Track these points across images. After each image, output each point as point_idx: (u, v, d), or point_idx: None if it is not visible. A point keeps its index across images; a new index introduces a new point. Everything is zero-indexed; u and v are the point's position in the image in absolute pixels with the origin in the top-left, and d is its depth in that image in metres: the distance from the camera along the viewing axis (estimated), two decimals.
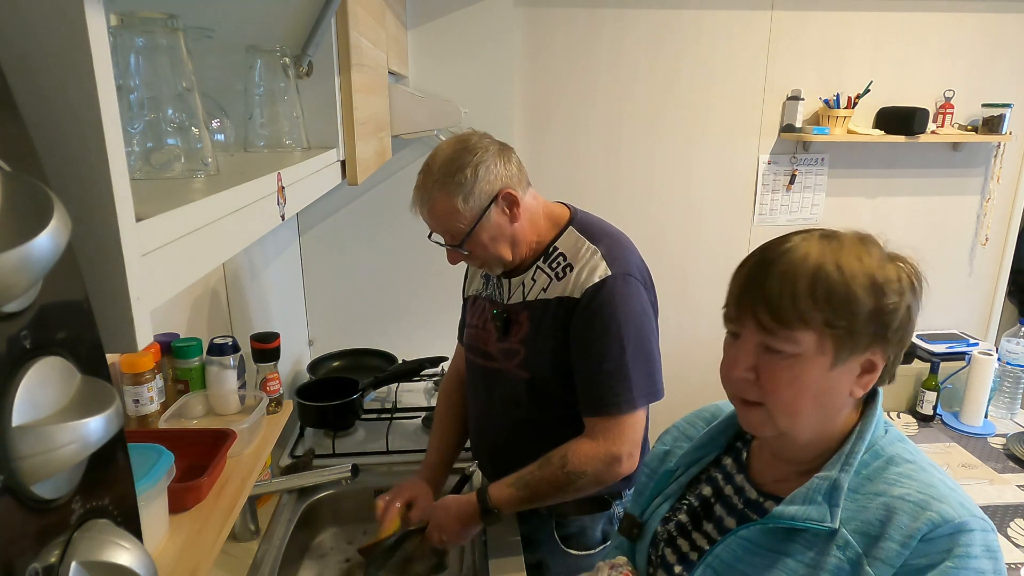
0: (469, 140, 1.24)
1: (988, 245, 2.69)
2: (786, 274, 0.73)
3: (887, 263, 0.75)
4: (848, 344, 0.72)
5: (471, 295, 1.46)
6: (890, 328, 0.73)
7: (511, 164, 1.25)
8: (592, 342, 1.22)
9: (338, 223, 2.29)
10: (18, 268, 0.28)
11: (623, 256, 1.26)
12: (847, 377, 0.75)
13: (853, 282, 0.72)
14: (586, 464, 1.22)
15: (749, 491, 0.86)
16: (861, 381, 0.76)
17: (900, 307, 0.74)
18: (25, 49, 0.36)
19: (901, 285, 0.74)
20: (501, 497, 1.26)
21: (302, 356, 2.28)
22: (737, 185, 2.52)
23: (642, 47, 2.34)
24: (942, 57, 2.46)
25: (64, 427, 0.31)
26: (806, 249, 0.74)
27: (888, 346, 0.75)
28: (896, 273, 0.74)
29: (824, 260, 0.73)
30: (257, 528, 1.46)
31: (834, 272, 0.72)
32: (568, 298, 1.23)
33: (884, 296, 0.72)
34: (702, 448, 0.94)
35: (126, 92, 0.60)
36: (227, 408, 1.25)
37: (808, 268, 0.72)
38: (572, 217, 1.32)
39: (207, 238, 0.54)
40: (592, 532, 1.36)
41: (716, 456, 0.94)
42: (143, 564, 0.36)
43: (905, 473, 0.75)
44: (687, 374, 2.68)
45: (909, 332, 0.76)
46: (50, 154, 0.37)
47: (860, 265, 0.73)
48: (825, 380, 0.74)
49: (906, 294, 0.74)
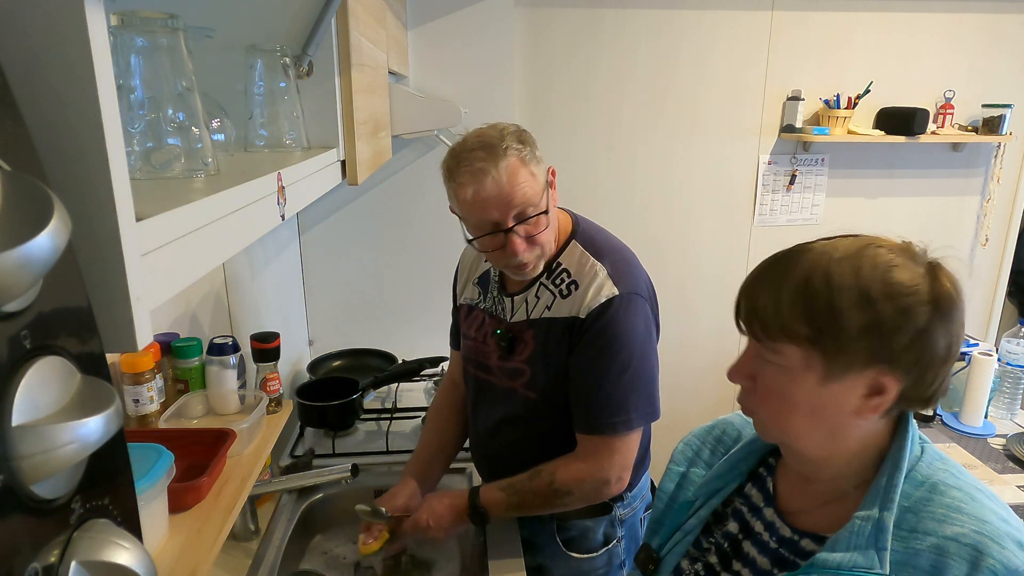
0: (495, 127, 1.18)
1: (988, 246, 2.69)
2: (774, 284, 0.70)
3: (905, 274, 0.67)
4: (840, 361, 0.68)
5: (464, 304, 1.42)
6: (894, 347, 0.67)
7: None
8: (593, 362, 1.20)
9: (338, 223, 2.29)
10: (18, 268, 0.28)
11: (629, 273, 1.23)
12: (848, 396, 0.69)
13: (838, 295, 0.66)
14: (573, 484, 1.22)
15: (781, 528, 0.80)
16: (870, 403, 0.69)
17: (906, 325, 0.66)
18: (26, 49, 0.36)
19: (912, 302, 0.66)
20: (491, 499, 1.27)
21: (302, 356, 2.28)
22: (737, 185, 2.52)
23: (642, 47, 2.34)
24: (942, 57, 2.46)
25: (64, 427, 0.31)
26: (805, 257, 0.70)
27: (899, 367, 0.67)
28: (913, 287, 0.67)
29: (814, 270, 0.68)
30: (257, 528, 1.45)
31: (820, 284, 0.67)
32: (575, 318, 1.20)
33: (879, 312, 0.66)
34: (721, 478, 0.88)
35: (126, 92, 0.60)
36: (227, 408, 1.25)
37: (795, 279, 0.69)
38: (575, 229, 1.28)
39: (207, 238, 0.54)
40: (594, 535, 1.35)
41: (738, 485, 0.87)
42: (143, 564, 0.36)
43: (954, 506, 0.68)
44: (685, 376, 2.68)
45: (931, 354, 0.68)
46: (50, 154, 0.37)
47: (853, 277, 0.67)
48: (817, 396, 0.70)
49: (918, 312, 0.66)
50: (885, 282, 0.67)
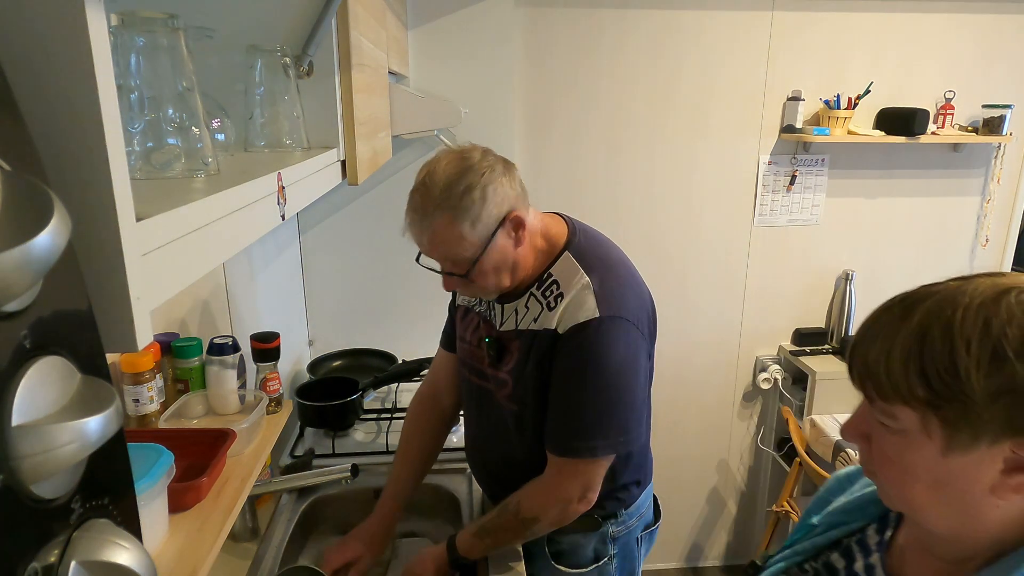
0: (471, 157, 1.13)
1: (988, 246, 2.69)
2: (888, 335, 0.60)
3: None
4: (964, 430, 0.56)
5: (462, 305, 1.40)
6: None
7: (515, 182, 1.16)
8: (566, 383, 1.16)
9: (338, 223, 2.29)
10: (18, 268, 0.28)
11: (617, 293, 1.17)
12: (978, 471, 0.57)
13: (962, 353, 0.55)
14: (538, 510, 1.22)
15: (878, 573, 0.73)
16: (1010, 481, 0.57)
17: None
18: (26, 49, 0.36)
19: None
20: (465, 546, 1.28)
21: (302, 356, 2.28)
22: (737, 186, 2.52)
23: (643, 48, 2.34)
24: (942, 58, 2.46)
25: (64, 426, 0.31)
26: (928, 303, 0.59)
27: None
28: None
29: (932, 322, 0.57)
30: (257, 528, 1.46)
31: (938, 338, 0.56)
32: (553, 331, 1.17)
33: (1017, 373, 0.54)
34: (851, 512, 0.81)
35: (126, 92, 0.60)
36: (227, 408, 1.25)
37: (910, 330, 0.58)
38: (570, 239, 1.23)
39: (207, 238, 0.54)
40: (584, 550, 1.34)
41: (864, 524, 0.79)
42: (143, 564, 0.36)
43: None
44: (686, 376, 2.69)
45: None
46: (50, 154, 0.37)
47: (983, 331, 0.55)
48: (939, 468, 0.59)
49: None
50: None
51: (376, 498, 1.47)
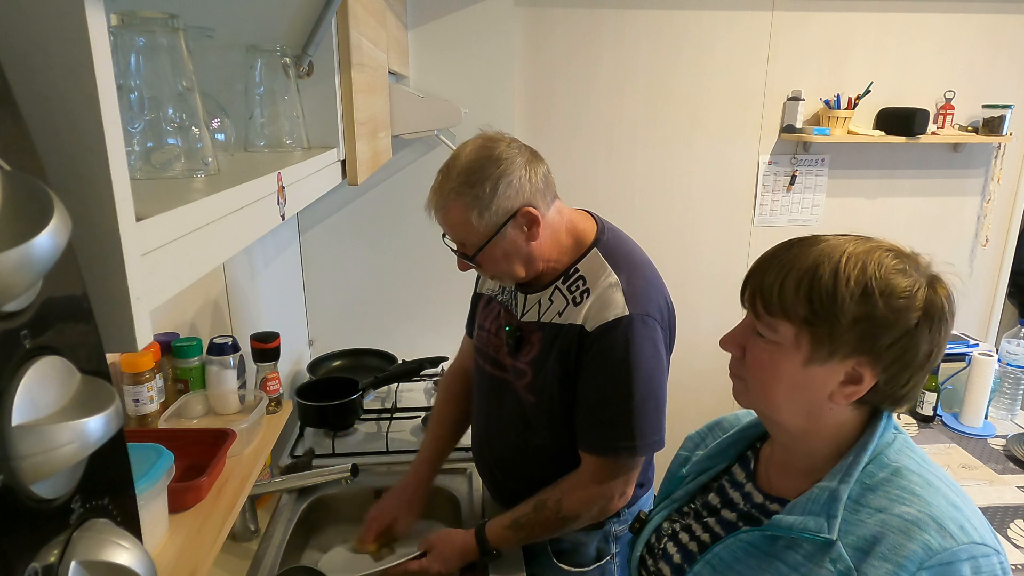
0: (496, 147, 1.15)
1: (988, 246, 2.69)
2: (783, 267, 0.76)
3: (906, 280, 0.72)
4: (826, 345, 0.73)
5: (483, 293, 1.42)
6: (879, 342, 0.72)
7: (537, 176, 1.17)
8: (599, 383, 1.18)
9: (338, 223, 2.29)
10: (18, 267, 0.28)
11: (644, 292, 1.19)
12: (826, 380, 0.75)
13: (843, 286, 0.71)
14: (580, 508, 1.23)
15: (755, 495, 0.87)
16: (844, 390, 0.75)
17: (896, 324, 0.71)
18: (26, 49, 0.36)
19: (908, 303, 0.71)
20: (498, 538, 1.29)
21: (302, 356, 2.28)
22: (737, 186, 2.52)
23: (642, 47, 2.34)
24: (942, 58, 2.46)
25: (64, 426, 0.31)
26: (818, 248, 0.75)
27: (879, 362, 0.73)
28: (910, 292, 0.72)
29: (823, 260, 0.73)
30: (257, 528, 1.46)
31: (827, 273, 0.72)
32: (580, 327, 1.18)
33: (876, 307, 0.71)
34: (713, 458, 0.96)
35: (126, 92, 0.60)
36: (227, 408, 1.25)
37: (804, 265, 0.74)
38: (598, 236, 1.25)
39: (207, 238, 0.54)
40: (586, 549, 1.34)
41: (726, 466, 0.95)
42: (143, 564, 0.36)
43: (909, 488, 0.73)
44: (685, 376, 2.68)
45: (911, 356, 0.73)
46: (50, 154, 0.37)
47: (860, 272, 0.72)
48: (800, 375, 0.75)
49: (910, 315, 0.71)
50: (887, 282, 0.72)
51: (377, 498, 1.48)
